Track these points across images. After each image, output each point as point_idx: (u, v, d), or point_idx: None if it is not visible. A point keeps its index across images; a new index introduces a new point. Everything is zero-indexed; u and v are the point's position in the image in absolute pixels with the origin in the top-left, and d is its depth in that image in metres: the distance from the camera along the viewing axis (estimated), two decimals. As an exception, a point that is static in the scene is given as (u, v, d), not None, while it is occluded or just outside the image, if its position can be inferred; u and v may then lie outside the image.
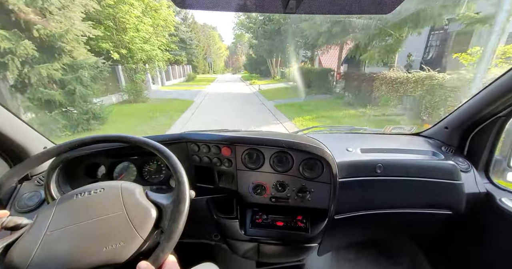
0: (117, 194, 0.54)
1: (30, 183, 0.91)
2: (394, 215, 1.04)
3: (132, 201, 0.53)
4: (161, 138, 0.90)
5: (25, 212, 0.80)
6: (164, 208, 0.54)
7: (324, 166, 0.84)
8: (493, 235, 1.04)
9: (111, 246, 0.48)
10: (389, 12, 0.51)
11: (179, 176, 0.56)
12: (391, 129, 1.43)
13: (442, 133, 1.21)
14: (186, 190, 0.53)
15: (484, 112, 0.98)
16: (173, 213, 0.51)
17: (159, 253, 0.46)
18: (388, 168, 0.97)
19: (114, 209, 0.51)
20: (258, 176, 0.92)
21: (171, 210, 0.52)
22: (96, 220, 0.50)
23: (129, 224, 0.50)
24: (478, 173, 1.04)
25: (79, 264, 0.45)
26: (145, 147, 0.63)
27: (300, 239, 0.97)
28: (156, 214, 0.52)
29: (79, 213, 0.50)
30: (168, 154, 0.60)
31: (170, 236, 0.48)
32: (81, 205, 0.52)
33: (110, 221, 0.50)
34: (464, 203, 0.99)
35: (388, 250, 1.51)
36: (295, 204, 0.92)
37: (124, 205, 0.52)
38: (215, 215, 0.95)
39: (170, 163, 0.58)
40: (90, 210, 0.50)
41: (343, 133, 1.38)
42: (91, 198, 0.54)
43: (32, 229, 0.47)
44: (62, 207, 0.52)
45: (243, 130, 1.03)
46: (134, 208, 0.52)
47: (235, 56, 57.92)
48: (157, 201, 0.55)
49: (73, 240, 0.47)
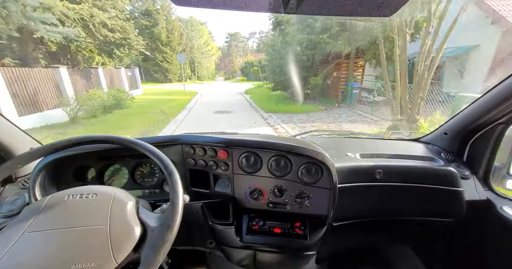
0: (107, 204, 0.52)
1: (14, 186, 0.88)
2: (393, 222, 1.00)
3: (119, 215, 0.51)
4: (155, 140, 0.88)
5: (7, 216, 0.77)
6: (150, 231, 0.51)
7: (324, 171, 0.83)
8: (494, 244, 1.03)
9: (81, 264, 0.45)
10: (391, 14, 0.51)
11: (175, 197, 0.55)
12: (390, 134, 1.41)
13: (442, 139, 1.21)
14: (178, 217, 0.52)
15: (483, 118, 0.99)
16: (157, 242, 0.48)
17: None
18: (387, 173, 0.96)
19: (98, 221, 0.50)
20: (255, 180, 0.90)
21: (156, 237, 0.49)
22: (76, 229, 0.49)
23: (107, 243, 0.48)
24: (477, 180, 1.04)
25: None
26: (137, 149, 0.61)
27: (298, 247, 0.96)
28: (140, 235, 0.50)
29: (63, 217, 0.49)
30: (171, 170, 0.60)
31: (147, 267, 0.44)
32: (68, 208, 0.51)
33: (89, 234, 0.49)
34: (465, 210, 0.99)
35: (387, 258, 1.51)
36: (293, 210, 0.90)
37: (110, 218, 0.50)
38: (210, 221, 0.94)
39: (171, 180, 0.58)
40: (75, 216, 0.50)
41: (342, 137, 1.37)
42: (81, 202, 0.52)
43: (13, 224, 0.47)
44: (50, 206, 0.51)
45: (240, 133, 1.03)
46: (119, 223, 0.50)
47: (229, 57, 53.14)
48: (146, 222, 0.52)
49: (46, 247, 0.46)
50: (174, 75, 25.15)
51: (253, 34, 74.80)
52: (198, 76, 35.83)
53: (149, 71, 24.41)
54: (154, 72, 24.59)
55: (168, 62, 25.02)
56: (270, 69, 10.93)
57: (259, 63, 39.93)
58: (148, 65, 24.99)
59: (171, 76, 24.72)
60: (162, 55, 24.10)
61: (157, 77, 24.19)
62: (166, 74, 24.53)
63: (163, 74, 24.52)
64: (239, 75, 43.39)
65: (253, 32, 75.91)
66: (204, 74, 38.40)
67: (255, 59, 37.75)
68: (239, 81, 39.42)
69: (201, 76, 36.38)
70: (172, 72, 24.81)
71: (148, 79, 25.54)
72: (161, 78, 25.06)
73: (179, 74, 25.74)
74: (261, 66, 38.14)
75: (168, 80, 24.01)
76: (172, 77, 23.87)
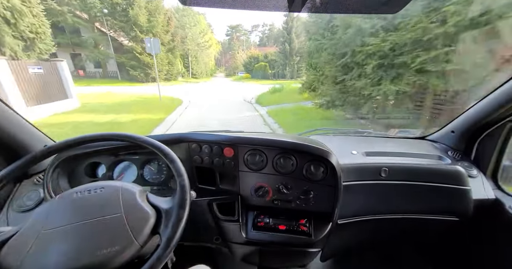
0: (117, 194, 0.57)
1: (29, 182, 0.93)
2: (398, 221, 1.04)
3: (131, 203, 0.56)
4: (163, 137, 0.92)
5: (23, 211, 0.82)
6: (164, 213, 0.57)
7: (329, 168, 0.88)
8: (502, 243, 1.04)
9: (106, 250, 0.49)
10: (397, 11, 0.53)
11: (182, 180, 0.59)
12: (396, 132, 1.43)
13: (449, 137, 1.22)
14: (188, 195, 0.57)
15: (492, 116, 1.00)
16: (173, 219, 0.54)
17: (154, 261, 0.48)
18: (393, 172, 0.99)
19: (112, 210, 0.54)
20: (260, 177, 0.95)
21: (171, 216, 0.55)
22: (93, 220, 0.53)
23: (126, 228, 0.53)
24: (486, 179, 1.06)
25: (70, 267, 0.47)
26: (149, 147, 0.66)
27: (303, 244, 0.99)
28: (155, 218, 0.56)
29: (77, 212, 0.54)
30: (172, 157, 0.63)
31: (168, 244, 0.50)
32: (80, 204, 0.55)
33: (107, 223, 0.53)
34: (472, 210, 1.01)
35: (391, 256, 1.48)
36: (298, 207, 0.95)
37: (123, 207, 0.55)
38: (216, 218, 0.99)
39: (174, 166, 0.62)
40: (88, 210, 0.54)
41: (347, 135, 1.39)
42: (90, 197, 0.56)
43: (27, 227, 0.50)
44: (60, 205, 0.55)
45: (246, 131, 1.07)
46: (133, 210, 0.55)
47: (230, 52, 50.22)
48: (157, 205, 0.58)
49: (67, 241, 0.50)
50: (160, 72, 19.53)
51: (256, 27, 72.88)
52: (193, 74, 30.39)
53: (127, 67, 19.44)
54: (131, 69, 18.88)
55: (151, 55, 17.37)
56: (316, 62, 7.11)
57: (265, 57, 35.31)
58: (123, 59, 19.30)
59: (155, 75, 18.30)
60: (142, 45, 17.79)
61: (135, 75, 18.99)
62: (147, 71, 19.12)
63: (143, 71, 19.07)
64: (242, 71, 38.99)
65: (255, 25, 74.05)
66: (201, 71, 32.73)
67: (261, 53, 29.23)
68: (241, 78, 34.05)
69: (196, 73, 30.93)
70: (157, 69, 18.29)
71: (126, 78, 20.22)
72: (140, 77, 19.19)
73: (166, 71, 20.96)
74: (269, 61, 33.46)
75: (151, 78, 18.98)
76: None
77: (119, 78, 19.44)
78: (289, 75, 25.78)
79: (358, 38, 4.86)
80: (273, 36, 66.90)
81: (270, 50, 38.19)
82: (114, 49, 19.22)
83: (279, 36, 36.71)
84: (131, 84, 17.29)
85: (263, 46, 52.61)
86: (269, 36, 68.54)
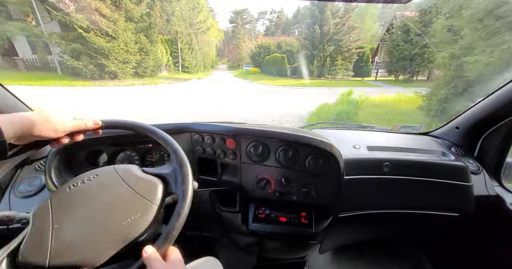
0: (114, 174, 0.62)
1: (30, 168, 1.01)
2: (399, 216, 1.18)
3: (132, 177, 0.62)
4: (166, 127, 1.01)
5: (24, 197, 0.88)
6: (168, 176, 0.64)
7: (331, 162, 0.99)
8: (502, 239, 1.14)
9: (129, 218, 0.54)
10: (407, 2, 0.54)
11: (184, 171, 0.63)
12: (399, 127, 1.48)
13: (453, 133, 1.30)
14: (190, 186, 0.61)
15: (497, 113, 1.10)
16: (179, 178, 0.60)
17: (166, 234, 0.52)
18: (395, 167, 1.10)
19: (117, 188, 0.59)
20: (262, 169, 1.06)
21: (176, 176, 0.62)
22: (103, 201, 0.57)
23: (138, 196, 0.58)
24: (488, 176, 1.19)
25: (102, 245, 0.51)
26: (151, 135, 0.70)
27: (303, 236, 1.10)
28: (162, 183, 0.63)
29: (81, 201, 0.57)
30: (175, 146, 0.67)
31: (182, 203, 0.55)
32: (79, 194, 0.59)
33: (118, 198, 0.58)
34: (473, 206, 1.14)
35: (390, 251, 1.57)
36: (300, 200, 1.08)
37: (126, 182, 0.60)
38: (217, 208, 1.11)
39: (176, 156, 0.65)
40: (92, 196, 0.58)
41: (350, 129, 1.49)
42: (88, 185, 0.60)
43: (34, 228, 0.53)
44: (58, 202, 0.57)
45: (248, 123, 1.20)
46: (137, 181, 0.61)
47: (234, 41, 45.44)
48: (157, 173, 0.65)
49: (87, 225, 0.53)
50: (125, 64, 12.57)
51: (262, 14, 66.87)
52: (185, 66, 21.44)
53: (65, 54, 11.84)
54: (74, 59, 11.74)
55: (114, 38, 11.83)
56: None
57: (278, 47, 25.96)
58: (63, 43, 11.76)
59: (117, 68, 12.28)
60: (95, 24, 11.17)
61: (80, 68, 11.61)
62: (101, 61, 11.73)
63: (93, 61, 11.70)
64: (248, 64, 30.85)
65: (263, 11, 68.98)
66: (197, 63, 23.38)
67: (272, 41, 19.61)
68: (248, 74, 26.29)
69: (190, 66, 21.85)
70: (118, 59, 12.19)
71: (68, 72, 12.65)
72: (88, 71, 12.05)
73: (136, 62, 12.99)
74: (286, 53, 23.54)
75: (112, 75, 12.26)
76: (118, 70, 12.75)
77: (59, 72, 11.09)
78: (316, 72, 17.57)
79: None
80: (282, 25, 58.72)
81: (284, 39, 29.50)
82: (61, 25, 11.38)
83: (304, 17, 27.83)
84: (71, 82, 11.63)
85: (271, 36, 51.92)
86: (278, 24, 60.32)
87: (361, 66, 20.07)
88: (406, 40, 14.57)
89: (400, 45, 14.66)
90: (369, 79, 19.83)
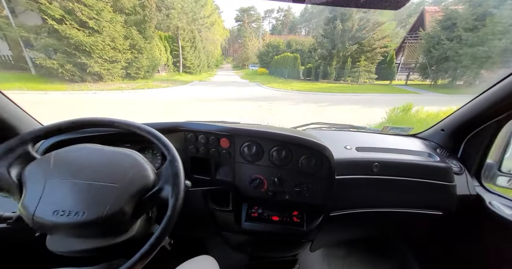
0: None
1: None
2: (387, 214, 1.25)
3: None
4: (158, 126, 1.02)
5: None
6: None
7: (323, 162, 1.04)
8: (481, 236, 1.21)
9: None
10: (399, 8, 0.55)
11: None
12: (388, 129, 1.53)
13: (439, 135, 1.37)
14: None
15: (481, 116, 1.15)
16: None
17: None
18: (384, 167, 1.16)
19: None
20: (256, 169, 1.09)
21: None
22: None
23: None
24: (470, 176, 1.27)
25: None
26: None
27: (295, 234, 1.15)
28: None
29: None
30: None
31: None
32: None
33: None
34: (455, 205, 1.22)
35: (378, 248, 1.65)
36: (292, 199, 1.12)
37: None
38: (210, 207, 1.14)
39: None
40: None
41: (342, 130, 1.55)
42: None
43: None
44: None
45: (242, 123, 1.25)
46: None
47: (240, 40, 44.44)
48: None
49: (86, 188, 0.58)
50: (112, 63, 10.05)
51: (269, 12, 66.03)
52: (186, 66, 19.20)
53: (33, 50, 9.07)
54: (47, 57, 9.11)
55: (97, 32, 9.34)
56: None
57: (288, 46, 23.20)
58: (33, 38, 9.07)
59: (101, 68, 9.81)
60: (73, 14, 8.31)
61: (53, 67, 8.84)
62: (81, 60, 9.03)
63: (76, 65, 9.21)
64: (255, 64, 28.27)
65: (269, 10, 67.06)
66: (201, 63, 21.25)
67: (282, 40, 16.97)
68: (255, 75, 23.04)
69: (192, 66, 19.68)
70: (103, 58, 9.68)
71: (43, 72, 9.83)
72: (68, 74, 9.49)
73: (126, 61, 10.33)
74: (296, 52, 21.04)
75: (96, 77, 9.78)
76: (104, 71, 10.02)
77: (33, 72, 8.87)
78: (334, 74, 15.25)
79: None
80: (289, 24, 57.26)
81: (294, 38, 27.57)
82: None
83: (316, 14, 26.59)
84: (40, 85, 8.87)
85: (278, 35, 45.85)
86: (285, 23, 58.67)
87: (383, 68, 17.60)
88: (449, 38, 12.25)
89: (442, 43, 12.38)
90: (396, 83, 17.48)
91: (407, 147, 1.28)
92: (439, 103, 7.28)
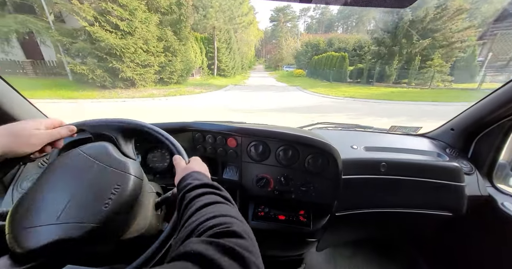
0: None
1: (33, 165, 1.07)
2: (394, 215, 1.29)
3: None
4: (167, 126, 1.10)
5: None
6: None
7: (330, 162, 1.09)
8: (493, 238, 1.22)
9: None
10: (408, 5, 0.54)
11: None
12: (396, 128, 1.56)
13: (448, 135, 1.38)
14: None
15: (491, 115, 1.15)
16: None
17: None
18: (392, 167, 1.19)
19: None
20: (262, 168, 1.15)
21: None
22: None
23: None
24: (481, 176, 1.29)
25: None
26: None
27: (301, 234, 1.18)
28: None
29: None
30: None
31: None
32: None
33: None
34: (465, 206, 1.23)
35: (385, 249, 1.64)
36: (298, 198, 1.18)
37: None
38: None
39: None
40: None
41: (348, 130, 1.61)
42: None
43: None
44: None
45: (248, 123, 1.31)
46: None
47: (274, 41, 41.63)
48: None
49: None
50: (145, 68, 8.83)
51: (305, 11, 61.46)
52: (221, 69, 18.41)
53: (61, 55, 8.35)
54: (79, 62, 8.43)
55: (129, 33, 7.97)
56: None
57: (329, 45, 20.10)
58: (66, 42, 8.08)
59: (134, 73, 8.54)
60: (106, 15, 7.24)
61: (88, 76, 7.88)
62: (115, 68, 7.92)
63: (107, 70, 8.05)
64: (290, 65, 25.67)
65: (305, 8, 64.60)
66: (235, 65, 19.82)
67: (322, 38, 13.80)
68: (291, 76, 20.26)
69: (226, 69, 18.81)
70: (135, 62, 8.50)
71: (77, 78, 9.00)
72: (99, 80, 8.41)
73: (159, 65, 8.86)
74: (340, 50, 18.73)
75: (128, 83, 8.77)
76: (136, 76, 8.66)
77: (70, 78, 8.39)
78: (395, 76, 12.39)
79: None
80: (326, 22, 54.17)
81: (336, 35, 25.38)
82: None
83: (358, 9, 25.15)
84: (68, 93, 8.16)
85: (315, 34, 43.84)
86: (321, 21, 55.58)
87: (458, 67, 12.78)
88: None
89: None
90: (487, 86, 11.97)
91: (415, 146, 1.29)
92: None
